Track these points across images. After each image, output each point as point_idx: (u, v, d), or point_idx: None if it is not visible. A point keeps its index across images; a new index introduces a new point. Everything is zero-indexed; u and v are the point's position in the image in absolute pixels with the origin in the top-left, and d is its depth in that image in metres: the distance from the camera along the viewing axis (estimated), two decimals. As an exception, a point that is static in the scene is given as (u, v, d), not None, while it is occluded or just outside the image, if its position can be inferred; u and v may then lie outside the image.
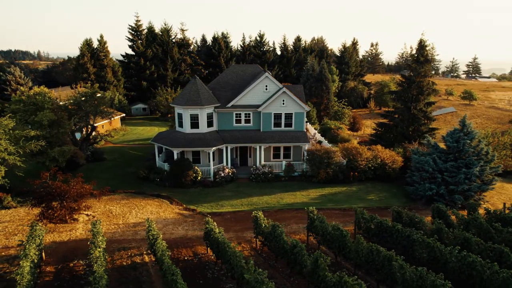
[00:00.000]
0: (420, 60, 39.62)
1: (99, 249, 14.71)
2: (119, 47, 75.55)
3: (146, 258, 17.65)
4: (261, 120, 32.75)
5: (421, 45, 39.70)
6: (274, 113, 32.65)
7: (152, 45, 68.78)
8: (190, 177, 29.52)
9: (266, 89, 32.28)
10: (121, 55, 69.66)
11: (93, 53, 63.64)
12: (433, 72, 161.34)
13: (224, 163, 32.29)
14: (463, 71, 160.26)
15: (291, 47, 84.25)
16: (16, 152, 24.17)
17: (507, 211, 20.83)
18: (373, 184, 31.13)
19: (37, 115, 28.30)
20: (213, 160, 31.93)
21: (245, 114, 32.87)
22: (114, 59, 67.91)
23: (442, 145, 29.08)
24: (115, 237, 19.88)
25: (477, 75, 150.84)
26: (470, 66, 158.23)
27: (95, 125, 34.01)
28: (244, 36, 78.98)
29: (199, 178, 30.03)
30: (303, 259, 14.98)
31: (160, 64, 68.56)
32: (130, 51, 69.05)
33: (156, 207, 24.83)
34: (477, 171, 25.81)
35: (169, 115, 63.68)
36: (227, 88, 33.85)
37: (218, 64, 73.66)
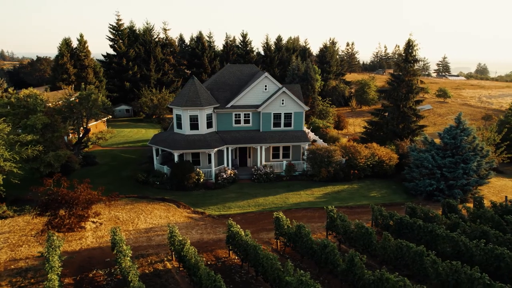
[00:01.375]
0: (409, 59, 40.85)
1: (128, 258, 14.14)
2: (99, 47, 72.96)
3: (168, 265, 17.15)
4: (260, 120, 32.64)
5: (410, 45, 40.93)
6: (273, 113, 32.64)
7: (135, 45, 66.99)
8: (193, 179, 28.99)
9: (266, 89, 32.22)
10: (102, 55, 67.39)
11: (73, 53, 61.15)
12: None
13: (225, 164, 31.94)
14: (434, 70, 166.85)
15: (273, 47, 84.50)
16: (12, 158, 22.86)
17: (509, 204, 21.82)
18: (372, 182, 31.78)
19: (29, 118, 26.85)
20: (211, 161, 31.48)
21: (245, 114, 32.65)
22: (95, 60, 65.54)
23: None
24: (129, 244, 19.13)
25: (447, 73, 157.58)
26: (440, 65, 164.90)
27: (88, 128, 32.66)
28: (227, 35, 78.48)
29: (201, 180, 29.54)
30: (335, 258, 15.05)
31: (143, 65, 66.89)
32: (111, 51, 66.90)
33: (164, 211, 24.19)
34: (475, 166, 26.94)
35: (154, 116, 62.37)
36: (225, 88, 33.49)
37: (202, 64, 72.77)
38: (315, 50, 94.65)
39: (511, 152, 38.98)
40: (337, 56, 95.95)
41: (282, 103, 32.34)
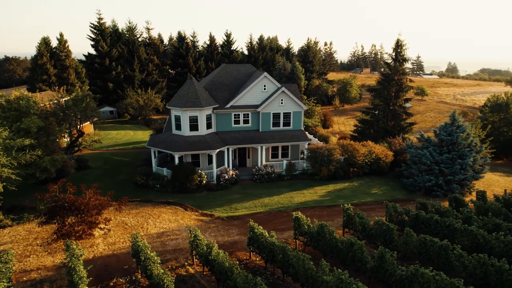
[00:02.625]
0: (398, 58, 41.92)
1: (158, 265, 13.71)
2: (79, 46, 70.44)
3: (191, 270, 16.77)
4: (260, 120, 32.55)
5: (399, 45, 41.99)
6: (272, 113, 32.64)
7: (117, 44, 65.14)
8: (195, 181, 28.54)
9: (265, 88, 32.17)
10: (84, 55, 65.11)
11: (53, 53, 58.70)
12: (382, 70, 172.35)
13: (226, 165, 31.64)
14: (409, 69, 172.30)
15: (256, 46, 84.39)
16: (10, 164, 21.67)
17: (509, 196, 22.83)
18: (371, 179, 32.41)
19: (22, 121, 25.52)
20: (212, 162, 31.14)
21: (244, 114, 32.46)
22: (76, 60, 63.19)
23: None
24: (144, 250, 18.60)
25: (421, 72, 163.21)
26: (415, 64, 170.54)
27: (83, 130, 31.45)
28: (211, 35, 77.71)
29: (204, 182, 29.12)
30: (363, 256, 15.22)
31: (126, 65, 65.14)
32: (93, 51, 64.72)
33: (171, 215, 23.65)
34: (471, 162, 28.02)
35: (140, 118, 60.93)
36: (223, 88, 33.16)
37: (187, 64, 71.74)
38: (294, 49, 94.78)
39: (494, 148, 40.84)
40: (319, 56, 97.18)
41: (281, 103, 32.40)
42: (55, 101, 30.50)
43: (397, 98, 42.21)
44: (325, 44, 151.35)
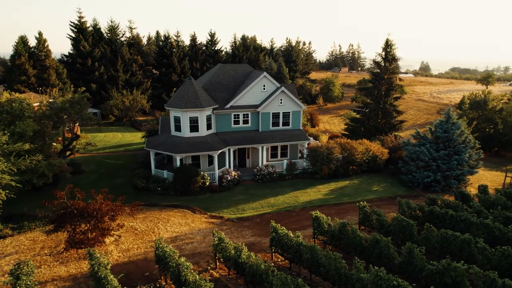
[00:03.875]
0: (388, 58, 42.95)
1: (192, 270, 13.35)
2: (60, 46, 67.65)
3: (215, 273, 16.46)
4: (259, 120, 32.45)
5: (388, 44, 43.05)
6: (272, 113, 32.62)
7: (100, 44, 63.13)
8: (199, 183, 28.10)
9: (264, 88, 32.09)
10: (64, 55, 62.63)
11: (31, 52, 56.11)
12: (359, 69, 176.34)
13: (227, 166, 31.34)
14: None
15: (241, 45, 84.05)
16: (10, 171, 20.54)
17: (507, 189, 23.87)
18: (369, 176, 33.01)
19: (16, 125, 24.23)
20: (214, 163, 30.79)
21: (244, 114, 32.26)
22: (56, 60, 60.68)
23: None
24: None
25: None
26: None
27: (78, 133, 30.20)
28: (195, 34, 76.77)
29: (207, 183, 28.70)
30: (390, 252, 15.45)
31: (109, 65, 63.27)
32: (74, 51, 62.35)
33: (180, 218, 23.15)
34: (467, 157, 29.09)
35: (125, 119, 59.34)
36: (222, 88, 32.81)
37: (171, 64, 70.53)
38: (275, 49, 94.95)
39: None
40: (302, 55, 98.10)
41: (281, 103, 32.43)
42: (46, 103, 29.11)
43: (387, 97, 43.26)
44: (304, 44, 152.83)
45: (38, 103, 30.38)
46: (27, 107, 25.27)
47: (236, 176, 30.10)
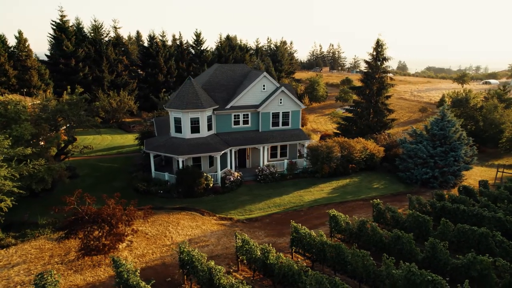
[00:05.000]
0: (379, 58, 43.82)
1: (224, 273, 13.14)
2: (43, 46, 65.06)
3: (238, 276, 16.29)
4: (259, 120, 32.37)
5: (379, 44, 43.91)
6: (272, 113, 32.61)
7: (83, 44, 61.23)
8: (203, 185, 27.72)
9: (264, 88, 32.04)
10: (46, 55, 60.35)
11: (11, 53, 53.73)
12: (339, 68, 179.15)
13: (228, 167, 31.10)
14: (364, 67, 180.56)
15: (224, 43, 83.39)
16: (12, 177, 19.59)
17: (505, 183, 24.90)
18: (368, 174, 33.56)
19: (12, 128, 23.12)
20: (216, 164, 30.51)
21: (244, 115, 32.09)
22: (37, 60, 58.36)
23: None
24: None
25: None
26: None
27: (75, 137, 29.19)
28: (181, 35, 75.75)
29: (211, 185, 28.37)
30: (412, 248, 15.76)
31: (94, 66, 61.46)
32: (56, 51, 60.12)
33: (190, 221, 22.75)
34: (463, 153, 30.08)
35: (112, 121, 57.84)
36: (221, 89, 32.51)
37: (157, 64, 69.28)
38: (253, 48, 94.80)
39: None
40: (287, 55, 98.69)
41: (280, 102, 32.47)
42: (40, 105, 27.95)
43: (379, 96, 44.13)
44: (285, 44, 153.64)
45: (30, 105, 29.14)
46: (23, 110, 24.15)
47: (238, 177, 29.90)
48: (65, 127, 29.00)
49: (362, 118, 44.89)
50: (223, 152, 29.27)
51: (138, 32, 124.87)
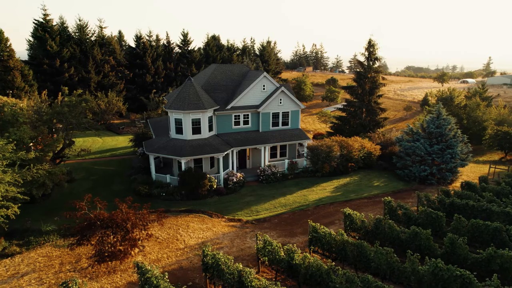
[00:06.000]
0: (371, 57, 44.54)
1: (253, 275, 13.02)
2: (24, 45, 62.52)
3: (260, 277, 16.16)
4: (260, 121, 32.30)
5: (371, 45, 44.63)
6: (272, 113, 32.61)
7: (68, 44, 59.40)
8: (206, 186, 27.42)
9: (264, 88, 32.00)
10: (29, 55, 58.17)
11: (-8, 53, 51.42)
12: (322, 68, 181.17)
13: (230, 168, 30.89)
14: (347, 67, 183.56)
15: (211, 43, 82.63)
16: (16, 182, 18.79)
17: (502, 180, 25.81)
18: (366, 172, 34.07)
19: (9, 132, 22.17)
20: (219, 165, 30.26)
21: (244, 115, 31.95)
22: (20, 60, 56.06)
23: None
24: (198, 265, 17.46)
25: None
26: (352, 62, 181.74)
27: (73, 140, 28.27)
28: (167, 34, 74.62)
29: (214, 186, 28.09)
30: (430, 244, 16.08)
31: (80, 66, 59.74)
32: (39, 51, 58.00)
33: (200, 223, 22.43)
34: (459, 151, 30.97)
35: (100, 123, 56.32)
36: (220, 89, 32.26)
37: (145, 65, 68.05)
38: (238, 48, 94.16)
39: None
40: (273, 55, 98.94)
41: (280, 102, 32.51)
42: (34, 108, 26.93)
43: (371, 95, 44.87)
44: (271, 44, 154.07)
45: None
46: (21, 112, 23.20)
47: (241, 178, 29.73)
48: (60, 129, 28.00)
49: (355, 117, 45.51)
50: (225, 153, 29.04)
51: (120, 32, 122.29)
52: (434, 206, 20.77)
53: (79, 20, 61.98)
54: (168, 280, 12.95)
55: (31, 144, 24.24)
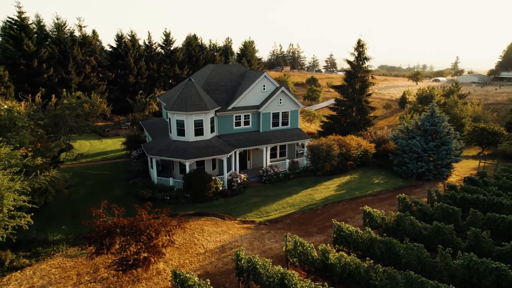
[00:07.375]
0: (361, 57, 45.42)
1: (301, 279, 12.90)
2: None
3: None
4: (260, 121, 32.16)
5: (360, 45, 45.50)
6: (272, 113, 32.55)
7: (46, 43, 56.71)
8: (213, 189, 26.99)
9: (264, 89, 31.88)
10: (3, 55, 54.93)
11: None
12: (299, 67, 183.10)
13: (233, 169, 30.56)
14: (323, 66, 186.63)
15: (193, 43, 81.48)
16: (24, 190, 17.72)
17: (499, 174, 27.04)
18: (364, 170, 34.70)
19: (7, 137, 20.89)
20: (222, 167, 29.87)
21: (245, 115, 31.71)
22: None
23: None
24: (224, 269, 17.13)
25: (335, 69, 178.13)
26: (328, 62, 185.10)
27: (71, 143, 26.98)
28: (149, 34, 72.87)
29: (220, 188, 27.68)
30: (454, 238, 16.57)
31: (59, 67, 57.18)
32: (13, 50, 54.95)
33: (214, 226, 22.02)
34: (454, 147, 32.15)
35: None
36: (220, 90, 31.85)
37: (127, 65, 66.08)
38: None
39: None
40: (256, 55, 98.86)
41: (280, 102, 32.51)
42: (33, 111, 25.52)
43: (362, 94, 45.77)
44: (253, 43, 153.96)
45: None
46: (19, 116, 21.90)
47: (245, 179, 29.48)
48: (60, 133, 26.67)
49: (346, 116, 46.26)
50: (229, 154, 28.70)
51: (94, 32, 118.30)
52: (446, 201, 21.44)
53: (57, 19, 59.30)
54: (211, 287, 12.58)
55: (30, 149, 22.93)
